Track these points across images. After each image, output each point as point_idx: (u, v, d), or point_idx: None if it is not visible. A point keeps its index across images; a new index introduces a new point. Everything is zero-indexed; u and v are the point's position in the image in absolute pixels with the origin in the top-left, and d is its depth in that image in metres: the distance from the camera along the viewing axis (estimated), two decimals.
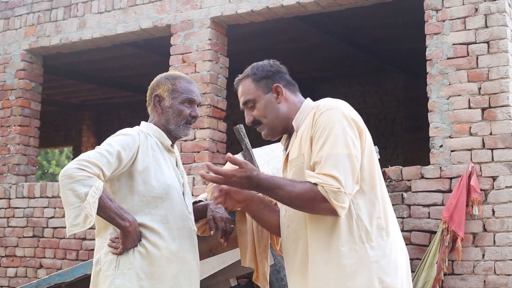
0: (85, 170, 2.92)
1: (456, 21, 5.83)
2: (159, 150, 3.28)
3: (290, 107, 2.96)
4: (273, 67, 3.01)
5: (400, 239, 2.87)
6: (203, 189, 6.26)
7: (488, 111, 5.60)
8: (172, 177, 3.27)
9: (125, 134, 3.19)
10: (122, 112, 14.30)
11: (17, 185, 8.00)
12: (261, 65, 3.03)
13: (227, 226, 3.34)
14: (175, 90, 3.34)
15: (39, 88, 8.44)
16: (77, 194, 2.88)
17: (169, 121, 3.33)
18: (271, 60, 3.07)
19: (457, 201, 5.39)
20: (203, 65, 6.99)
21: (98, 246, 3.22)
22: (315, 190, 2.65)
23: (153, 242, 3.12)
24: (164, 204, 3.18)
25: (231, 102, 7.23)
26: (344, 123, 2.72)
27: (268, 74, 2.98)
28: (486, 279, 5.42)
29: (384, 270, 2.69)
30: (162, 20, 7.31)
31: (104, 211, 3.00)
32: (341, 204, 2.62)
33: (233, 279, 5.03)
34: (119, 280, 3.06)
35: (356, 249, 2.70)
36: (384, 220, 2.76)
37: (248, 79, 3.02)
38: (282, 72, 3.02)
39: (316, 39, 9.21)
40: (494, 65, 5.62)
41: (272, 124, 2.98)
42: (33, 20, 8.23)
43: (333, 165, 2.65)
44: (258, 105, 2.98)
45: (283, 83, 2.98)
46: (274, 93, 2.96)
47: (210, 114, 6.90)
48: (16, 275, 7.95)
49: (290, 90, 3.00)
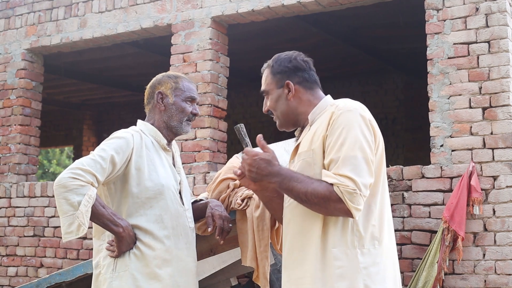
0: (78, 179, 3.00)
1: (457, 21, 5.83)
2: (155, 149, 3.34)
3: (302, 104, 2.98)
4: (291, 62, 3.02)
5: (393, 252, 2.87)
6: (203, 189, 6.26)
7: (489, 110, 5.60)
8: (167, 176, 3.32)
9: (118, 137, 3.24)
10: (123, 111, 14.30)
11: (17, 184, 8.01)
12: (281, 58, 3.04)
13: (225, 224, 3.38)
14: (178, 88, 3.42)
15: (40, 87, 8.44)
16: (71, 203, 2.97)
17: (171, 117, 3.40)
18: (296, 53, 3.07)
19: (457, 201, 5.39)
20: (203, 65, 6.99)
21: (96, 248, 3.31)
22: (331, 189, 2.66)
23: (147, 244, 3.19)
24: (158, 204, 3.24)
25: (232, 101, 7.24)
26: (362, 126, 2.74)
27: (284, 69, 3.00)
28: (486, 278, 5.42)
29: (372, 278, 2.70)
30: (163, 20, 7.31)
31: (97, 218, 3.09)
32: (356, 206, 2.64)
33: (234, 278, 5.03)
34: (116, 282, 3.15)
35: (347, 253, 2.71)
36: (378, 229, 2.77)
37: (268, 70, 3.07)
38: (300, 69, 3.01)
39: (316, 39, 9.20)
40: (495, 64, 5.62)
41: (281, 118, 3.04)
42: (34, 19, 8.23)
43: (350, 166, 2.66)
44: (271, 97, 3.04)
45: (298, 80, 2.99)
46: (286, 89, 2.98)
47: (210, 113, 6.90)
48: (16, 274, 7.96)
49: (306, 87, 3.00)
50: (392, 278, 2.81)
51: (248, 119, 12.60)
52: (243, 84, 11.68)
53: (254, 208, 3.50)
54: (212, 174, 6.64)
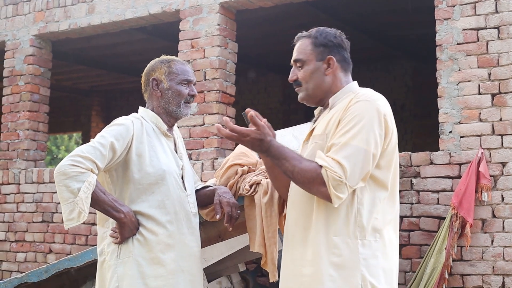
0: (78, 166, 3.02)
1: (466, 6, 5.80)
2: (155, 136, 3.35)
3: (335, 83, 2.95)
4: (336, 38, 2.99)
5: (395, 248, 2.87)
6: (212, 175, 6.27)
7: (498, 97, 5.57)
8: (168, 162, 3.33)
9: (118, 124, 3.26)
10: (131, 97, 14.31)
11: (26, 171, 8.03)
12: (326, 32, 3.00)
13: (233, 211, 3.37)
14: (171, 72, 3.43)
15: (48, 73, 8.44)
16: (71, 190, 2.99)
17: (169, 102, 3.41)
18: (339, 31, 3.04)
19: (466, 187, 5.38)
20: (212, 51, 6.98)
21: (101, 235, 3.34)
22: (318, 172, 2.66)
23: (149, 229, 3.21)
24: (160, 190, 3.25)
25: (240, 87, 7.23)
26: (374, 119, 2.71)
27: (328, 43, 2.96)
28: (495, 265, 5.42)
29: (369, 270, 2.70)
30: (171, 5, 7.29)
31: (98, 205, 3.11)
32: (338, 194, 2.63)
33: (242, 264, 5.05)
34: (121, 268, 3.18)
35: (348, 243, 2.71)
36: (381, 222, 2.76)
37: (308, 40, 3.00)
38: (342, 47, 2.99)
39: (325, 25, 9.06)
40: (504, 50, 5.59)
41: (310, 91, 2.97)
42: (42, 5, 8.22)
43: (346, 154, 2.65)
44: (306, 68, 2.96)
45: (339, 57, 2.96)
46: (326, 63, 2.94)
47: (219, 99, 6.89)
48: (25, 260, 8.00)
49: (343, 67, 2.97)
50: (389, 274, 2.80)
51: (257, 105, 12.58)
52: (251, 70, 11.67)
53: (262, 194, 3.50)
54: (220, 160, 6.65)
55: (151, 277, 3.16)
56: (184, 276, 3.25)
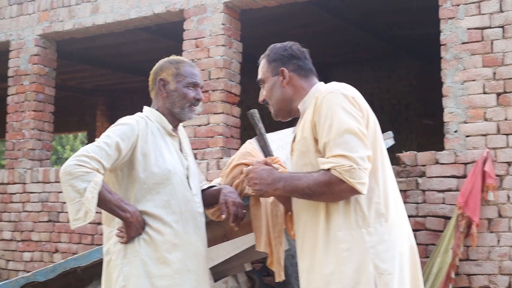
0: (84, 165, 3.01)
1: (470, 6, 5.79)
2: (160, 135, 3.35)
3: (297, 91, 3.02)
4: (287, 50, 3.07)
5: (403, 226, 2.87)
6: (217, 174, 6.27)
7: (503, 96, 5.57)
8: (173, 162, 3.32)
9: (123, 123, 3.26)
10: (136, 97, 14.33)
11: (32, 170, 8.05)
12: (277, 47, 3.10)
13: (239, 211, 3.37)
14: (179, 74, 3.42)
15: (53, 73, 8.46)
16: (77, 189, 2.98)
17: (174, 104, 3.40)
18: (292, 43, 3.11)
19: (472, 187, 5.37)
20: (216, 50, 6.98)
21: (106, 235, 3.33)
22: (329, 174, 2.68)
23: (155, 229, 3.21)
24: (166, 189, 3.25)
25: (245, 87, 7.23)
26: (345, 103, 2.75)
27: (279, 57, 3.06)
28: (501, 264, 5.41)
29: (380, 256, 2.70)
30: (175, 5, 7.29)
31: (104, 204, 3.11)
32: (358, 181, 2.64)
33: (248, 264, 5.05)
34: (127, 268, 3.17)
35: (352, 234, 2.72)
36: (384, 205, 2.77)
37: (264, 59, 3.13)
38: (295, 57, 3.06)
39: (329, 24, 9.17)
40: (509, 49, 5.58)
41: (275, 106, 3.09)
42: (47, 5, 8.23)
43: (342, 145, 2.67)
44: (266, 86, 3.09)
45: (293, 67, 3.03)
46: (281, 76, 3.03)
47: (223, 99, 6.89)
48: (32, 260, 8.01)
49: (300, 75, 3.03)
50: (408, 252, 2.82)
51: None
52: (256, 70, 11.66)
53: None
54: (226, 160, 6.65)
55: (157, 277, 3.16)
56: (190, 276, 3.25)
